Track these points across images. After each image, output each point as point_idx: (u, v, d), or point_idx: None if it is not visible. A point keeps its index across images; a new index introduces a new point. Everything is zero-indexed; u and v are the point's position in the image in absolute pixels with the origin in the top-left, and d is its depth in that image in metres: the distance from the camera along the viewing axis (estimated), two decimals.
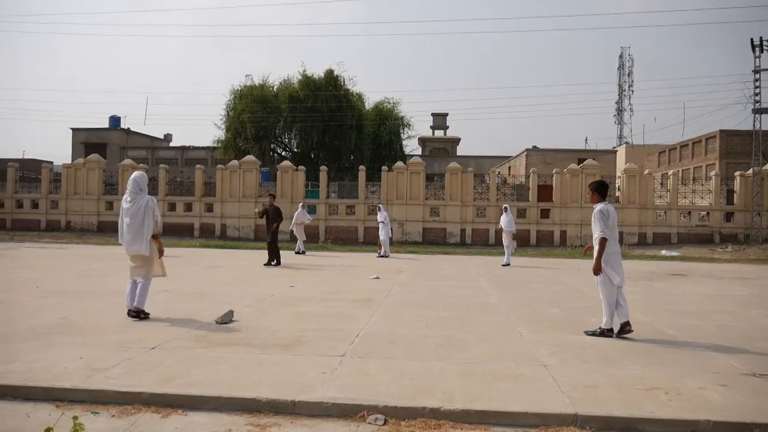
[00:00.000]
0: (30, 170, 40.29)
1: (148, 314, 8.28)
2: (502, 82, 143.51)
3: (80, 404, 4.91)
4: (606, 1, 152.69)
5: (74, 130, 60.50)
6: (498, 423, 4.68)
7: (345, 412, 4.79)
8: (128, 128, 62.03)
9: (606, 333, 7.72)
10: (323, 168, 32.90)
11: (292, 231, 23.50)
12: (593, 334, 7.77)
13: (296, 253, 22.07)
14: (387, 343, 7.11)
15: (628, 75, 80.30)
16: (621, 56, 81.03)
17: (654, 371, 6.01)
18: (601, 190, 7.97)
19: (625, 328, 7.69)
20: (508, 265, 18.60)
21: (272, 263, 17.19)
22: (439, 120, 73.41)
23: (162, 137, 67.62)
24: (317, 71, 47.36)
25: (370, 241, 29.32)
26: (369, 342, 7.10)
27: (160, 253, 8.36)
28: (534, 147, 49.89)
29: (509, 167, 53.58)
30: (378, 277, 14.16)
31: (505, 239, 19.19)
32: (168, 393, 5.02)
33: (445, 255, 23.61)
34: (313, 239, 29.64)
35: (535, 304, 10.63)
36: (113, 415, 4.69)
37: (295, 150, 47.67)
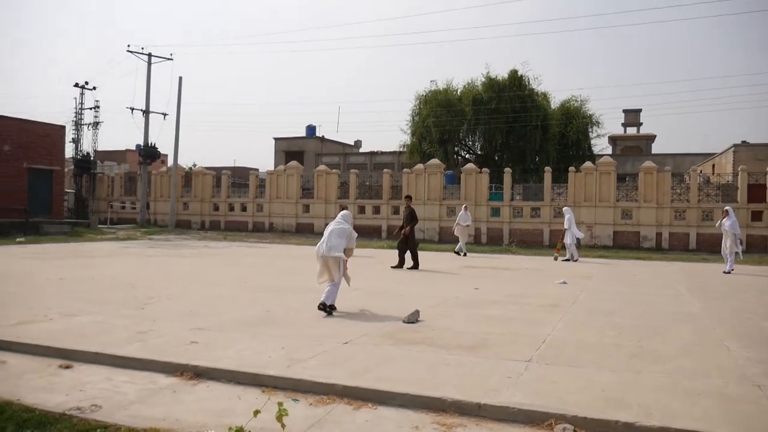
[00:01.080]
0: (240, 177, 44.72)
1: (334, 308, 8.96)
2: (701, 73, 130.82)
3: (282, 391, 5.37)
4: None
5: (276, 139, 66.09)
6: None
7: (531, 418, 4.71)
8: (322, 136, 66.29)
9: None
10: (507, 170, 32.52)
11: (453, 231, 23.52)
12: None
13: (455, 252, 22.22)
14: (575, 350, 6.86)
15: None
16: None
17: None
18: None
19: None
20: (730, 272, 17.00)
21: (401, 266, 16.61)
22: (632, 117, 68.89)
23: (352, 143, 71.34)
24: (501, 72, 46.92)
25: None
26: (556, 348, 6.90)
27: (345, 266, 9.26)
28: (743, 142, 44.83)
29: (713, 165, 48.72)
30: (565, 282, 13.68)
31: (727, 243, 17.54)
32: (360, 386, 5.31)
33: (638, 260, 22.10)
34: (497, 242, 29.42)
35: (744, 316, 9.58)
36: (311, 404, 5.07)
37: (479, 152, 47.63)
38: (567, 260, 20.55)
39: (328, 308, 8.87)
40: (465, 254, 22.14)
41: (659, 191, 29.37)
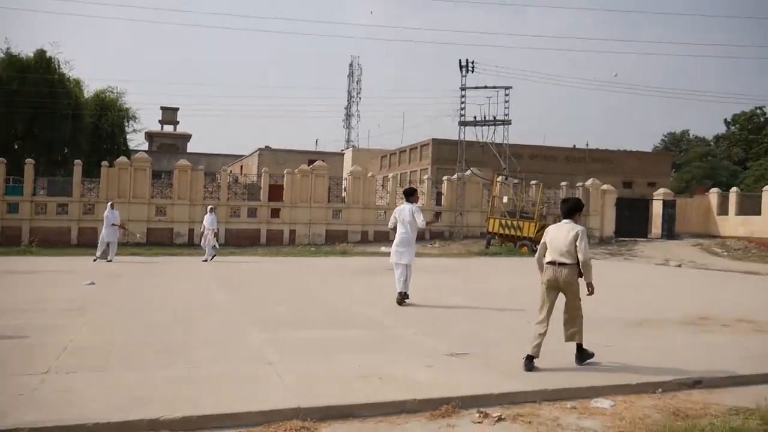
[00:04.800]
0: None
1: None
2: (237, 79, 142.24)
3: None
4: (342, 11, 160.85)
5: None
6: (220, 426, 4.58)
7: None
8: None
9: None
10: (29, 161, 29.00)
11: None
12: None
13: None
14: (102, 354, 6.52)
15: (357, 83, 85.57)
16: (351, 64, 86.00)
17: (370, 359, 6.47)
18: None
19: None
20: (207, 261, 20.00)
21: None
22: (169, 114, 69.93)
23: None
24: (25, 50, 41.66)
25: (86, 243, 26.61)
26: (80, 355, 6.44)
27: None
28: (266, 147, 50.37)
29: (241, 166, 53.33)
30: (93, 283, 12.91)
31: (209, 237, 20.56)
32: None
33: (172, 257, 22.55)
34: (15, 241, 25.95)
35: (262, 304, 10.72)
36: None
37: None
38: (101, 259, 19.51)
39: None
40: None
41: (193, 189, 30.48)
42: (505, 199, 31.04)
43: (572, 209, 6.65)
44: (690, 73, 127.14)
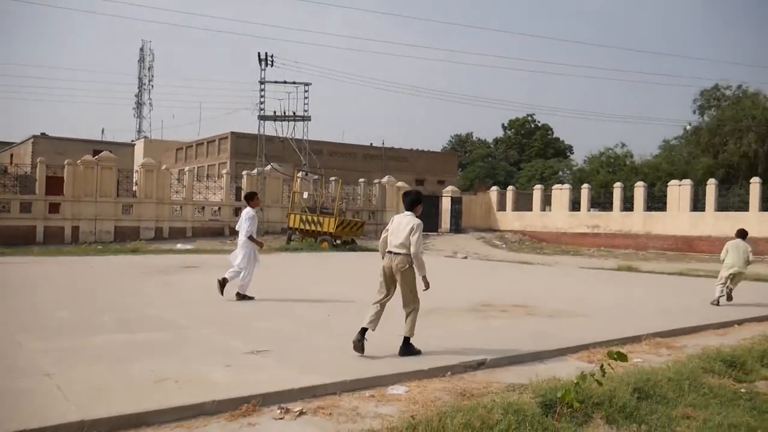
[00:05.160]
0: None
1: None
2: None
3: None
4: None
5: None
6: None
7: None
8: None
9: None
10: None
11: None
12: None
13: None
14: None
15: (149, 69, 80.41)
16: (142, 49, 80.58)
17: (164, 362, 6.11)
18: None
19: None
20: None
21: None
22: None
23: None
24: None
25: None
26: None
27: None
28: (43, 134, 45.30)
29: (11, 155, 47.37)
30: None
31: None
32: None
33: None
34: None
35: (41, 308, 9.61)
36: None
37: None
38: None
39: None
40: None
41: None
42: (305, 195, 31.35)
43: (413, 202, 6.87)
44: (477, 79, 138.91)
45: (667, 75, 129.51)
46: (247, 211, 10.84)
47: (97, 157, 30.59)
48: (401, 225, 6.71)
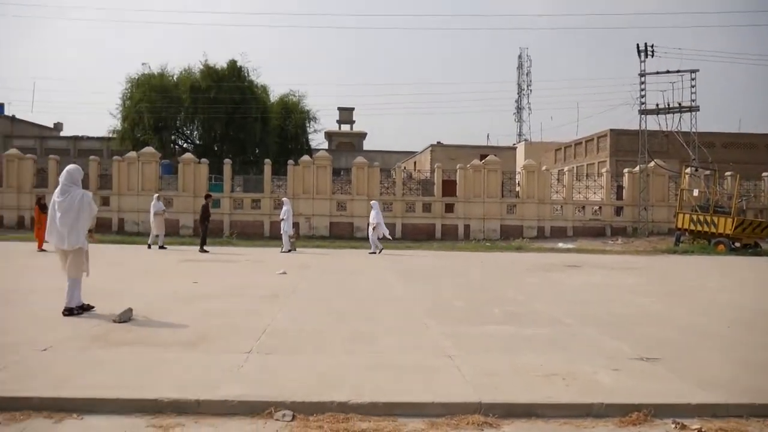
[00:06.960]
0: None
1: (91, 307, 8.26)
2: (408, 78, 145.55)
3: None
4: (506, 2, 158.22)
5: None
6: (404, 414, 4.75)
7: (252, 409, 4.70)
8: (13, 116, 57.76)
9: None
10: (227, 161, 32.08)
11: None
12: None
13: (149, 246, 21.20)
14: (295, 338, 7.04)
15: (527, 75, 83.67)
16: (520, 56, 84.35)
17: (552, 358, 6.30)
18: None
19: None
20: (375, 253, 21.06)
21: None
22: (346, 114, 73.34)
23: (52, 126, 63.51)
24: (219, 61, 46.10)
25: (276, 236, 28.87)
26: (276, 337, 7.01)
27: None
28: (438, 143, 50.89)
29: (414, 162, 54.43)
30: (285, 272, 13.99)
31: (374, 232, 21.66)
32: (61, 396, 4.74)
33: (353, 249, 23.66)
34: (218, 234, 28.86)
35: (438, 297, 10.86)
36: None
37: (198, 142, 46.20)
38: (288, 251, 21.06)
39: (75, 311, 7.97)
40: (153, 246, 21.21)
41: (370, 185, 31.77)
42: (695, 193, 28.50)
43: None
44: None
45: None
46: None
47: (483, 160, 33.05)
48: None
